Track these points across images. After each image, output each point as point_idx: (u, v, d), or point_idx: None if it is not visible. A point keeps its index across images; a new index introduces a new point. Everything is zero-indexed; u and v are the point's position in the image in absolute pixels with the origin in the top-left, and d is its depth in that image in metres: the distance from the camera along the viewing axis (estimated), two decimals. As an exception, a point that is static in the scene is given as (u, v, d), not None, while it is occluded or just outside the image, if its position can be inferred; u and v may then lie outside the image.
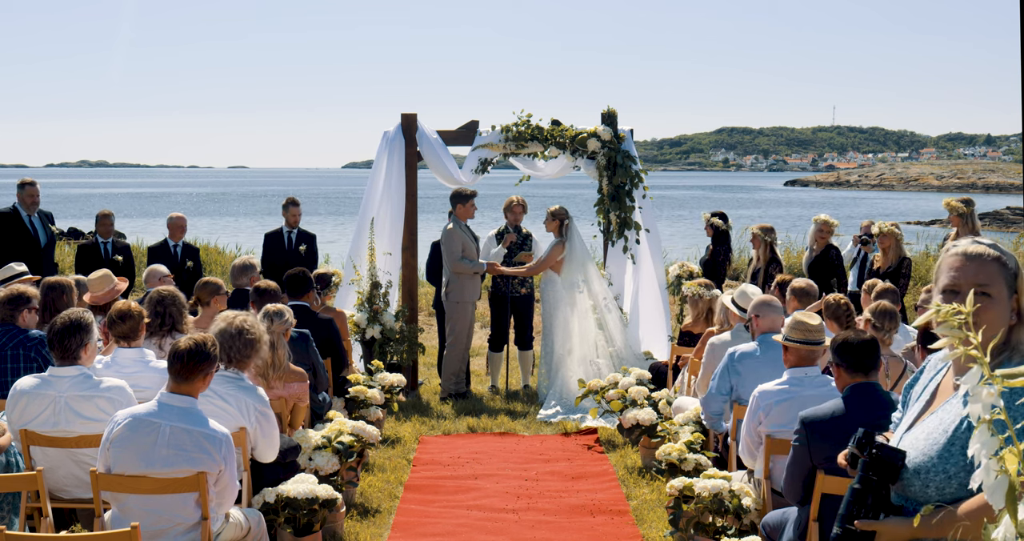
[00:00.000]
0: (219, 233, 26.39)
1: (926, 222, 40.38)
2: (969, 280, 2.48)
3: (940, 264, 2.60)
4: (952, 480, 2.42)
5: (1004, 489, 1.57)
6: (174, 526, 4.19)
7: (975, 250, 2.53)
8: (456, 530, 5.94)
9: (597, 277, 9.58)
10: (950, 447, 2.42)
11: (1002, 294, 2.47)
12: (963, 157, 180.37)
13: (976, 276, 2.48)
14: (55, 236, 10.50)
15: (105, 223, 10.75)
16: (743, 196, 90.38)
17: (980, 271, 2.49)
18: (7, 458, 4.76)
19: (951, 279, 2.53)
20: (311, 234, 11.02)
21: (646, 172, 9.78)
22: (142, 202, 73.93)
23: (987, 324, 2.42)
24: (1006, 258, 2.53)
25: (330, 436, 5.98)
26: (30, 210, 10.12)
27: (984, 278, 2.48)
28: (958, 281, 2.51)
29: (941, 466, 2.43)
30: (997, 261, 2.51)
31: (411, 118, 9.79)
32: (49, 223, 10.44)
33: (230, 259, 15.75)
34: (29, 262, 8.58)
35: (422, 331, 10.27)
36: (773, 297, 6.14)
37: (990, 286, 2.47)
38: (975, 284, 2.46)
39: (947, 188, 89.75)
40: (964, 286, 2.47)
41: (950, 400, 2.51)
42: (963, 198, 9.24)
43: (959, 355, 1.73)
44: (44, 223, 10.29)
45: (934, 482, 2.45)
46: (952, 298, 2.46)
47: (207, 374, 4.32)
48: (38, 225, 10.19)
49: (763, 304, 5.98)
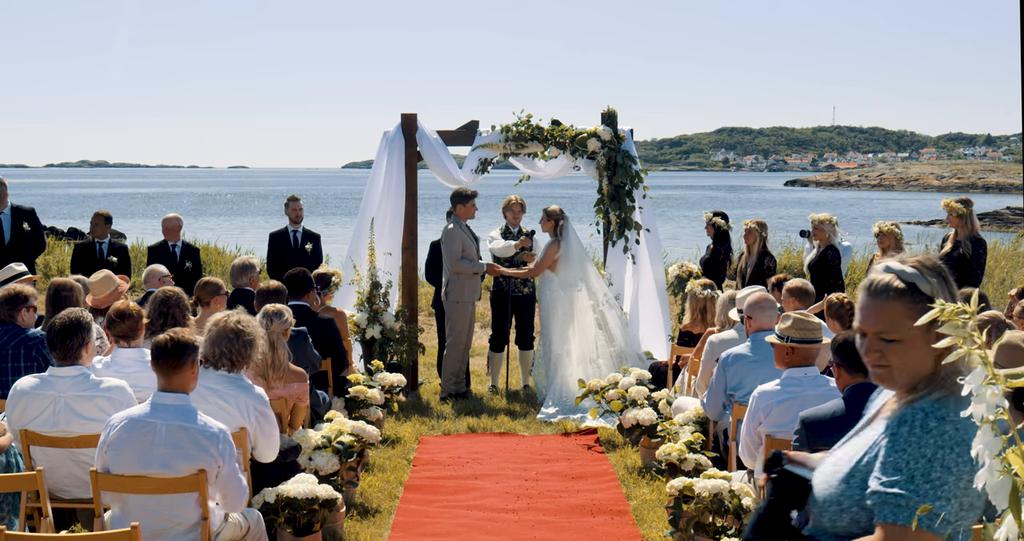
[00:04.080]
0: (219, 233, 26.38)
1: (926, 222, 40.38)
2: (870, 327, 2.27)
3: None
4: (844, 514, 2.26)
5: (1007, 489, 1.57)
6: (174, 526, 4.19)
7: (879, 283, 2.27)
8: (456, 530, 5.93)
9: (595, 276, 9.58)
10: (849, 479, 2.26)
11: (913, 332, 2.20)
12: (963, 157, 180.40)
13: (877, 323, 2.25)
14: (28, 233, 10.39)
15: (101, 224, 10.74)
16: (743, 196, 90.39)
17: (880, 315, 2.24)
18: (7, 458, 4.76)
19: (857, 320, 2.32)
20: (316, 233, 11.07)
21: (646, 172, 9.78)
22: (142, 202, 73.93)
23: (897, 368, 2.24)
24: (919, 285, 2.24)
25: (330, 436, 5.98)
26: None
27: (884, 325, 2.24)
28: (861, 326, 2.30)
29: (836, 497, 2.27)
30: (904, 296, 2.23)
31: (411, 118, 9.78)
32: (26, 221, 10.34)
33: (230, 259, 15.73)
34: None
35: (422, 331, 10.26)
36: (768, 296, 6.11)
37: (893, 331, 2.23)
38: (876, 332, 2.25)
39: (947, 188, 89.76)
40: (868, 331, 2.27)
41: (873, 425, 2.34)
42: (961, 198, 9.24)
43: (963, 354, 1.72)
44: (16, 221, 10.21)
45: (828, 513, 2.30)
46: (863, 341, 2.31)
47: (193, 362, 4.29)
48: (5, 223, 10.13)
49: (755, 304, 5.96)
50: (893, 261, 2.32)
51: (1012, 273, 14.11)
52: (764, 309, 5.92)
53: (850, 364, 4.45)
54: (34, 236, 10.50)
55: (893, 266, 2.30)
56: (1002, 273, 14.10)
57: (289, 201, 11.00)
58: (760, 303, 5.96)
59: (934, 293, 2.24)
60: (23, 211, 10.43)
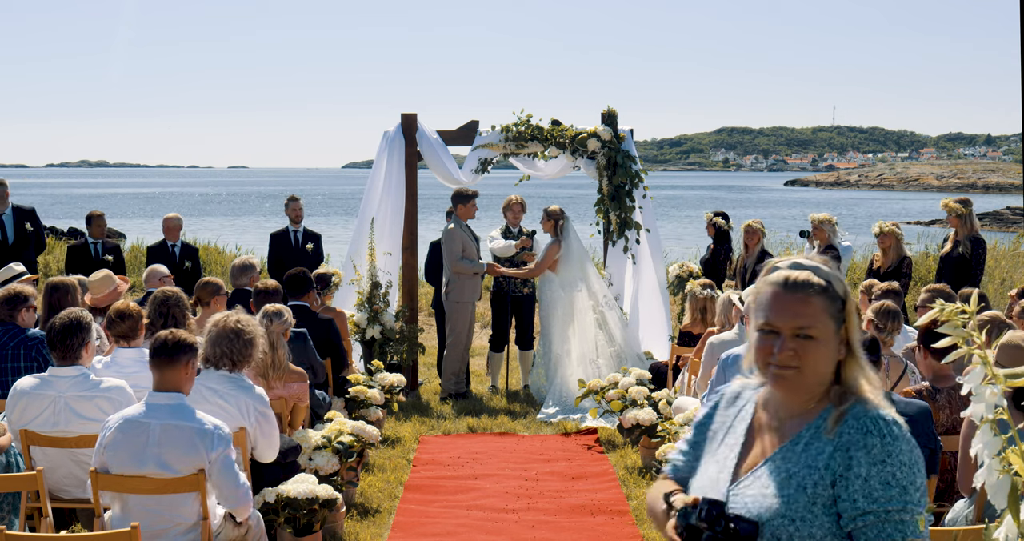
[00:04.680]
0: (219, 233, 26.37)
1: (926, 222, 40.37)
2: (788, 322, 2.12)
3: (758, 291, 2.23)
4: None
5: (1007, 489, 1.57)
6: (174, 526, 4.19)
7: (798, 278, 2.15)
8: (456, 530, 5.93)
9: (595, 276, 9.58)
10: (811, 507, 2.07)
11: (828, 331, 2.12)
12: (963, 157, 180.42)
13: (797, 318, 2.12)
14: (30, 234, 10.41)
15: (98, 224, 10.74)
16: (744, 196, 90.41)
17: (802, 310, 2.12)
18: (7, 458, 4.76)
19: (768, 317, 2.16)
20: (317, 233, 11.10)
21: (646, 172, 9.78)
22: (142, 202, 73.92)
23: (809, 369, 2.13)
24: (833, 284, 2.16)
25: (330, 436, 5.98)
26: (0, 207, 10.09)
27: (806, 319, 2.12)
28: (776, 321, 2.14)
29: (806, 530, 2.06)
30: (823, 293, 2.14)
31: (411, 118, 9.78)
32: (28, 221, 10.36)
33: (230, 259, 15.72)
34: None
35: (422, 331, 10.26)
36: None
37: (813, 327, 2.12)
38: (795, 328, 2.12)
39: (947, 188, 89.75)
40: (784, 328, 2.13)
41: (790, 446, 2.16)
42: (961, 198, 9.24)
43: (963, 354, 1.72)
44: (18, 221, 10.23)
45: None
46: (771, 339, 2.15)
47: (188, 361, 4.29)
48: (8, 223, 10.14)
49: None
50: (799, 258, 2.22)
51: (1012, 273, 14.10)
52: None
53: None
54: (35, 236, 10.52)
55: (805, 263, 2.19)
56: (1002, 273, 14.09)
57: (289, 201, 11.02)
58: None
59: (845, 296, 2.16)
60: (24, 211, 10.45)
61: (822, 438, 2.12)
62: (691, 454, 2.38)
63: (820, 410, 2.16)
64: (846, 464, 2.06)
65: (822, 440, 2.12)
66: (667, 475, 2.43)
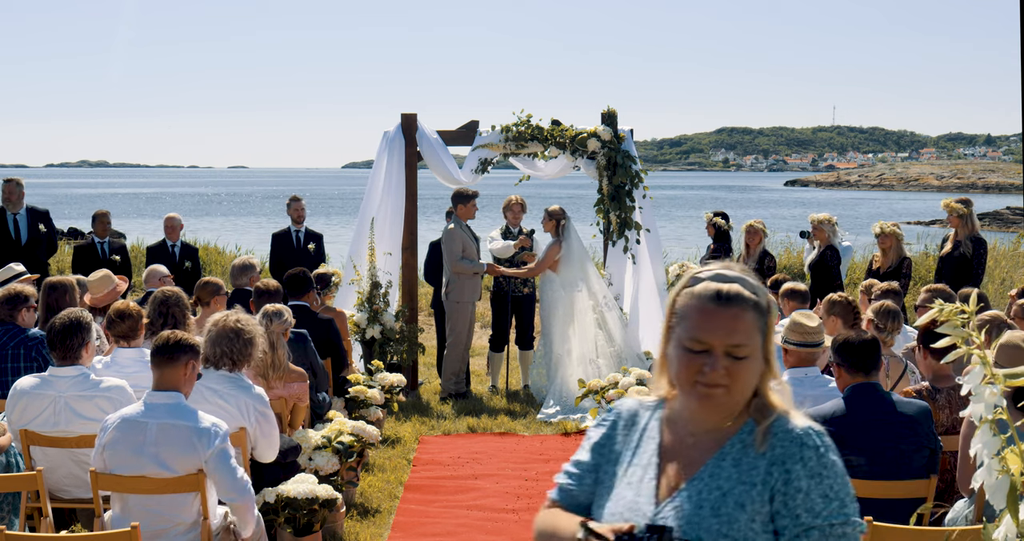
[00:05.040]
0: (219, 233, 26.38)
1: (926, 222, 40.38)
2: (722, 340, 1.98)
3: (680, 301, 2.07)
4: None
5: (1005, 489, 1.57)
6: (174, 526, 4.19)
7: (730, 292, 2.01)
8: (456, 530, 5.94)
9: (596, 277, 9.58)
10: (751, 524, 1.98)
11: (757, 348, 2.01)
12: (963, 157, 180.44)
13: (731, 335, 1.98)
14: (43, 235, 10.43)
15: (102, 222, 10.75)
16: (744, 196, 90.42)
17: (736, 326, 1.99)
18: (7, 458, 4.76)
19: (697, 333, 2.00)
20: (318, 233, 11.10)
21: (646, 172, 9.77)
22: (142, 202, 73.92)
23: (738, 387, 2.01)
24: (760, 297, 2.04)
25: (330, 436, 5.98)
26: (12, 208, 10.10)
27: (740, 337, 1.99)
28: (708, 338, 1.99)
29: None
30: (755, 308, 2.02)
31: (411, 118, 9.78)
32: (41, 222, 10.38)
33: (230, 259, 15.73)
34: (6, 261, 8.53)
35: (422, 331, 10.27)
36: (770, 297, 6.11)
37: (746, 346, 1.99)
38: (729, 346, 1.98)
39: (947, 188, 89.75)
40: (716, 346, 1.98)
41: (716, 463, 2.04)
42: (961, 198, 9.24)
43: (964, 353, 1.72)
44: (32, 222, 10.24)
45: None
46: (701, 358, 1.99)
47: (187, 363, 4.29)
48: (22, 223, 10.15)
49: None
50: (722, 269, 2.06)
51: (1012, 273, 14.10)
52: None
53: (850, 364, 4.45)
54: (48, 238, 10.56)
55: (730, 274, 2.05)
56: (1002, 273, 14.09)
57: (291, 201, 11.01)
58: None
59: (769, 308, 2.04)
60: (39, 212, 10.47)
61: (751, 453, 2.02)
62: (589, 478, 2.19)
63: (740, 425, 2.06)
64: (784, 478, 1.98)
65: (751, 455, 2.02)
66: (556, 502, 2.21)
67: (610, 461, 2.17)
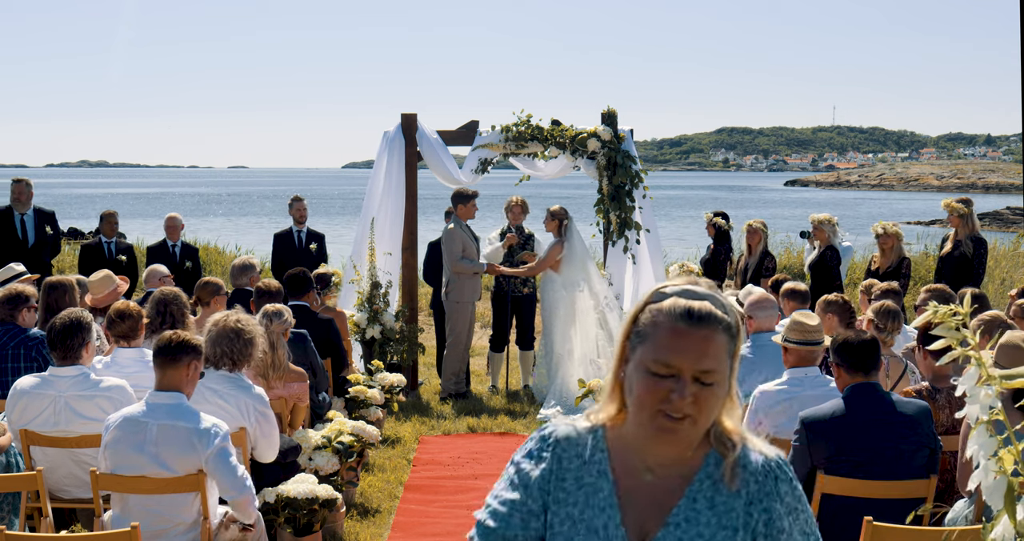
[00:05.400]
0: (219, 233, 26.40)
1: (926, 222, 40.38)
2: (692, 365, 1.78)
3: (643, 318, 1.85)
4: None
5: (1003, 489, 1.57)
6: (174, 526, 4.19)
7: (701, 311, 1.81)
8: (456, 530, 5.94)
9: (597, 277, 9.58)
10: None
11: (725, 373, 1.82)
12: (963, 157, 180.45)
13: (701, 359, 1.78)
14: (50, 236, 10.45)
15: (110, 222, 10.76)
16: (745, 196, 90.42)
17: (707, 350, 1.79)
18: (7, 458, 4.76)
19: (665, 356, 1.79)
20: (320, 234, 11.10)
21: (646, 172, 9.78)
22: (142, 202, 73.94)
23: (704, 418, 1.81)
24: (731, 317, 1.84)
25: (330, 436, 5.98)
26: (20, 208, 10.10)
27: (711, 361, 1.79)
28: (677, 362, 1.78)
29: None
30: (727, 330, 1.82)
31: (411, 118, 9.78)
32: (47, 223, 10.39)
33: (230, 259, 15.75)
34: (14, 261, 8.55)
35: (422, 331, 10.27)
36: (769, 296, 6.12)
37: (716, 372, 1.80)
38: (699, 371, 1.78)
39: (947, 188, 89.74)
40: (685, 371, 1.78)
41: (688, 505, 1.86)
42: (962, 198, 9.24)
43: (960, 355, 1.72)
44: (39, 223, 10.25)
45: None
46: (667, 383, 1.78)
47: (191, 363, 4.29)
48: (29, 224, 10.16)
49: (755, 305, 5.96)
50: (689, 284, 1.87)
51: (1012, 273, 14.11)
52: (764, 309, 5.93)
53: (850, 364, 4.45)
54: (53, 240, 10.57)
55: (698, 290, 1.85)
56: (1002, 273, 14.10)
57: (293, 201, 11.02)
58: (760, 303, 5.97)
59: (738, 329, 1.85)
60: (45, 213, 10.48)
61: (723, 491, 1.86)
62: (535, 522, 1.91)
63: (702, 457, 1.88)
64: (765, 519, 1.85)
65: (724, 494, 1.86)
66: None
67: (559, 501, 1.90)
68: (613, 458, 1.90)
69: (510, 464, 1.98)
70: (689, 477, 1.88)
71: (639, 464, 1.88)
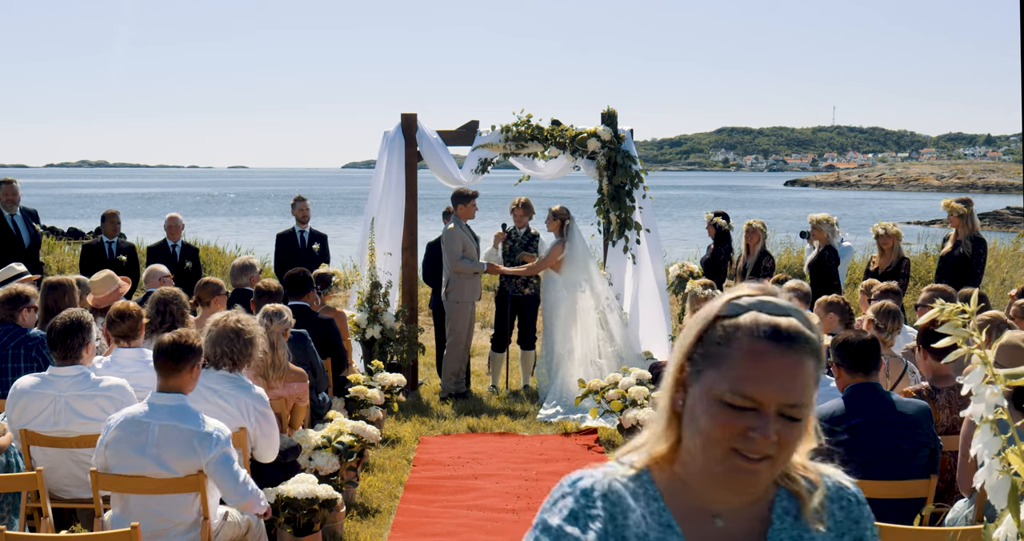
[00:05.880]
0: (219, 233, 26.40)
1: (926, 222, 40.38)
2: (777, 397, 1.50)
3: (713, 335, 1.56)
4: None
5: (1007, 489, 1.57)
6: (174, 526, 4.19)
7: (790, 329, 1.52)
8: (456, 530, 5.94)
9: (599, 277, 9.58)
10: None
11: (812, 403, 1.55)
12: (963, 157, 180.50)
13: (790, 392, 1.50)
14: (39, 235, 10.46)
15: (112, 222, 10.76)
16: (745, 196, 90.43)
17: (798, 379, 1.51)
18: (7, 458, 4.76)
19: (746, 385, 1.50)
20: (323, 234, 11.10)
21: (646, 172, 9.78)
22: (142, 202, 73.94)
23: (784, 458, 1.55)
24: (817, 335, 1.55)
25: (330, 436, 5.97)
26: (10, 209, 10.11)
27: (799, 394, 1.51)
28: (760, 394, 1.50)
29: None
30: (815, 354, 1.53)
31: (411, 118, 9.78)
32: (33, 221, 10.39)
33: (230, 259, 15.74)
34: (11, 262, 8.54)
35: (422, 331, 10.27)
36: None
37: (804, 406, 1.52)
38: (785, 405, 1.50)
39: (947, 188, 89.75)
40: (768, 405, 1.49)
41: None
42: (962, 198, 9.24)
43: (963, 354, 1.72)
44: (28, 222, 10.25)
45: None
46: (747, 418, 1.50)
47: (193, 366, 4.30)
48: (20, 224, 10.16)
49: None
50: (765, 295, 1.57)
51: (1012, 273, 14.10)
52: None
53: (850, 364, 4.45)
54: (40, 238, 10.58)
55: (781, 303, 1.56)
56: (1002, 273, 14.09)
57: (296, 201, 11.02)
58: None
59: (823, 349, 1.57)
60: (29, 212, 10.48)
61: (806, 529, 1.62)
62: None
63: (772, 492, 1.63)
64: None
65: (808, 532, 1.62)
66: None
67: None
68: (671, 506, 1.61)
69: (543, 531, 1.60)
70: (765, 517, 1.62)
71: (702, 511, 1.61)
